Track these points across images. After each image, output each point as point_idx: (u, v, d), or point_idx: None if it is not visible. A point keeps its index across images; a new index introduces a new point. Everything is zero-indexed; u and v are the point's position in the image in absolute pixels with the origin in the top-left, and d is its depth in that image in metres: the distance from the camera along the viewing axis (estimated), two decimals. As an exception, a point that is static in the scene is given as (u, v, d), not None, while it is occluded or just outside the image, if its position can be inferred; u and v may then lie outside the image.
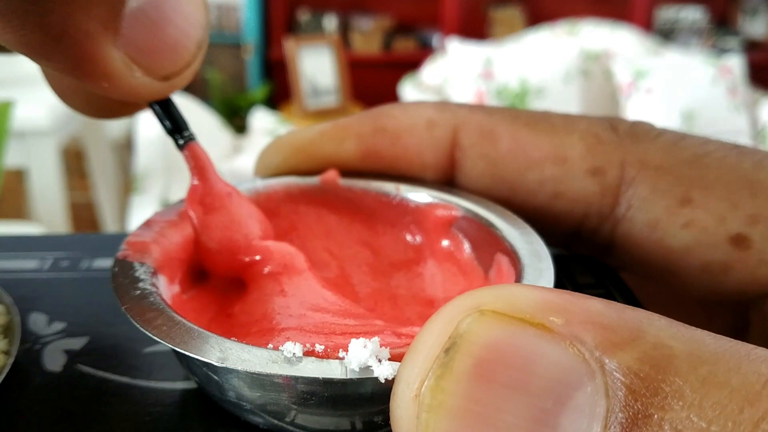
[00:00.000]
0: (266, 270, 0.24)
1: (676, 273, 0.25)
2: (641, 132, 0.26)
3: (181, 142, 0.24)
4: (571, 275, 0.28)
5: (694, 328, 0.14)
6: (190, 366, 0.21)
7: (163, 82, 0.21)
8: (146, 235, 0.24)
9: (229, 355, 0.18)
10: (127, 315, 0.20)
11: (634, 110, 2.34)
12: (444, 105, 0.27)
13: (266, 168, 0.28)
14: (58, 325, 0.25)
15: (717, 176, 0.24)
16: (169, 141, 0.26)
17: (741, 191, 0.24)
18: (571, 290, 0.15)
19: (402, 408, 0.15)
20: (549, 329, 0.14)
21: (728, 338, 0.14)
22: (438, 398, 0.14)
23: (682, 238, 0.24)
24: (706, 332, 0.14)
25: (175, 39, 0.21)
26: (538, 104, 2.39)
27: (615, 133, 0.26)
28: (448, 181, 0.28)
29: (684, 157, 0.25)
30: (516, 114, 0.27)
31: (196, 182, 0.25)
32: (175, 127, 0.24)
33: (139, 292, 0.21)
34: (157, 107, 0.24)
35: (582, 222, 0.26)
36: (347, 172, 0.28)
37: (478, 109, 0.27)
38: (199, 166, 0.24)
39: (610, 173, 0.25)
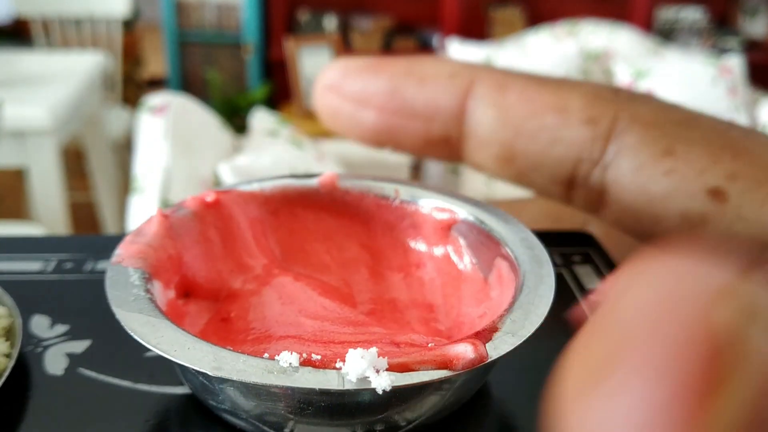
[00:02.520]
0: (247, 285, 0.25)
1: (658, 221, 0.27)
2: (639, 96, 0.29)
3: None
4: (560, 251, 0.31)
5: None
6: (185, 374, 0.21)
7: None
8: (140, 240, 0.24)
9: (223, 364, 0.18)
10: (121, 322, 0.20)
11: (633, 110, 2.34)
12: (468, 64, 0.31)
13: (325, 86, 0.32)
14: (61, 328, 0.25)
15: (702, 136, 0.26)
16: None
17: (723, 151, 0.25)
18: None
19: None
20: None
21: None
22: None
23: (663, 184, 0.26)
24: None
25: None
26: (538, 104, 2.39)
27: (615, 94, 0.28)
28: (454, 130, 0.30)
29: (674, 117, 0.27)
30: (530, 76, 0.30)
31: None
32: None
33: (133, 298, 0.21)
34: None
35: (576, 166, 0.28)
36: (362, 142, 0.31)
37: (497, 70, 0.31)
38: None
39: (602, 123, 0.27)
